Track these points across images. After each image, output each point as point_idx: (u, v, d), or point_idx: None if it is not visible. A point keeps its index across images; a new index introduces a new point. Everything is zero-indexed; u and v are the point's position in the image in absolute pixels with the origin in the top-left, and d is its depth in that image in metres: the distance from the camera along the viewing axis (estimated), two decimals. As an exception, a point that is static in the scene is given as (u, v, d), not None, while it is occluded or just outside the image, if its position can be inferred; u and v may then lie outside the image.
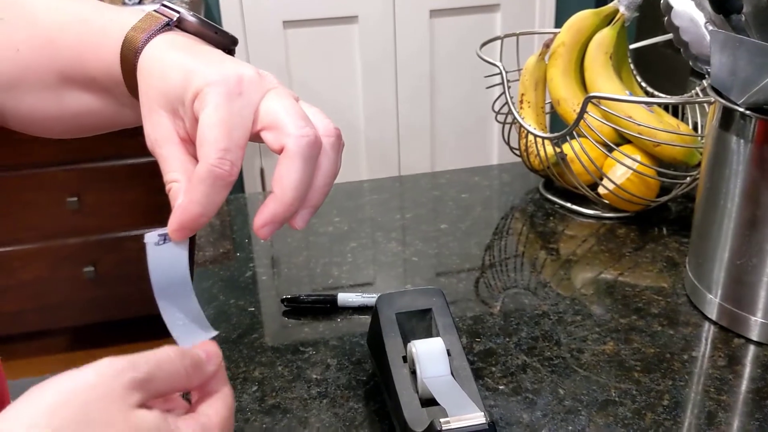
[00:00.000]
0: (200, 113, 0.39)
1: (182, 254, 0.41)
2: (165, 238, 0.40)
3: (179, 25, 0.45)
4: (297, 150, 0.40)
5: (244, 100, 0.40)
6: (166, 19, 0.45)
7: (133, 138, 1.81)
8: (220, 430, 0.37)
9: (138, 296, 1.98)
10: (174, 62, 0.42)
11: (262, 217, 0.40)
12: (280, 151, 0.40)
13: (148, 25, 0.45)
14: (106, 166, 1.81)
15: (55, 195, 1.81)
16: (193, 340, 0.42)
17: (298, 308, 0.68)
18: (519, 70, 0.93)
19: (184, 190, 0.40)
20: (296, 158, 0.40)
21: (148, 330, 2.11)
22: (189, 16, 0.45)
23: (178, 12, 0.45)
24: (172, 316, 0.42)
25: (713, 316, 0.64)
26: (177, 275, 0.41)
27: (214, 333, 0.43)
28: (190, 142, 0.42)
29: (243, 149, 0.40)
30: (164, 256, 0.41)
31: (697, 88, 0.88)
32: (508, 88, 0.85)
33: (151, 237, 0.40)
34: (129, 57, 0.44)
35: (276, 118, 0.40)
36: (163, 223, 0.41)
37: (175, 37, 0.45)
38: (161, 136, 0.42)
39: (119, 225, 1.88)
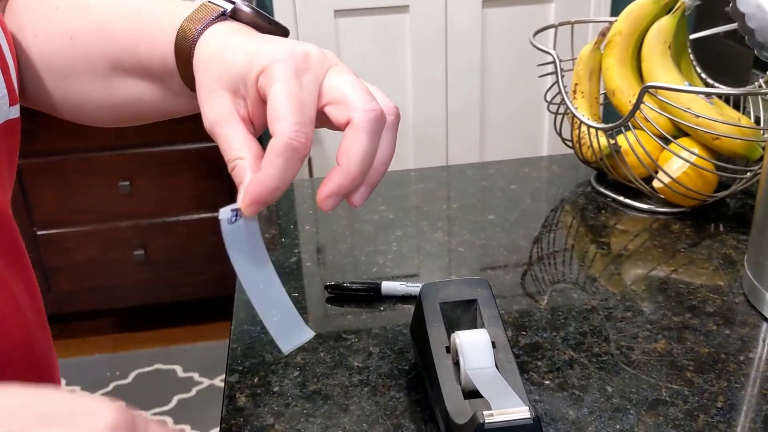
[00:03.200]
0: (269, 89, 0.39)
1: (257, 230, 0.41)
2: (237, 213, 0.40)
3: (234, 15, 0.46)
4: (364, 123, 0.40)
5: (312, 76, 0.41)
6: (222, 9, 0.45)
7: (183, 124, 1.84)
8: None
9: (186, 280, 2.02)
10: (236, 45, 0.43)
11: (327, 188, 0.40)
12: (345, 126, 0.40)
13: (204, 15, 0.45)
14: (158, 151, 1.84)
15: (109, 179, 1.86)
16: (293, 341, 0.42)
17: (341, 295, 0.68)
18: (573, 59, 0.91)
19: (259, 165, 0.39)
20: (363, 131, 0.40)
21: (196, 313, 2.14)
22: (244, 7, 0.46)
23: (233, 2, 0.46)
24: (265, 309, 0.42)
25: (772, 316, 0.62)
26: (256, 253, 0.41)
27: (312, 334, 0.43)
28: (249, 122, 0.42)
29: (314, 123, 0.40)
30: (239, 233, 0.40)
31: (761, 80, 0.85)
32: (562, 77, 0.83)
33: (224, 213, 0.40)
34: (184, 47, 0.45)
35: (342, 92, 0.41)
36: (211, 207, 0.41)
37: (232, 25, 0.45)
38: (222, 116, 0.41)
39: (169, 210, 1.91)
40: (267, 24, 0.46)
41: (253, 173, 0.40)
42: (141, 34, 0.47)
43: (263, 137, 0.38)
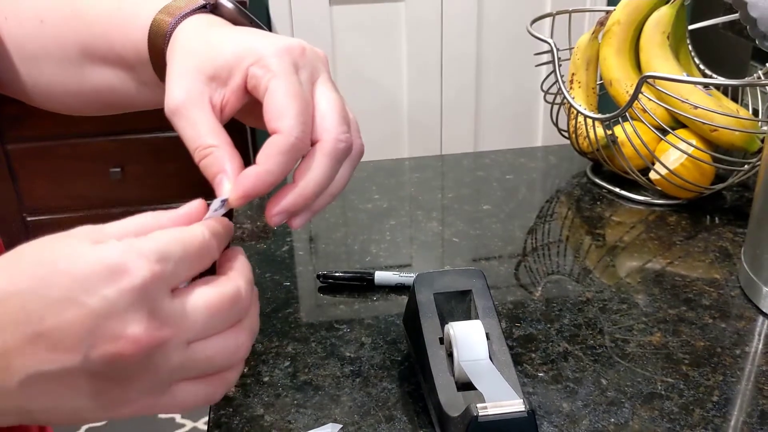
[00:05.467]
0: (268, 82, 0.39)
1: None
2: (223, 204, 0.39)
3: (214, 10, 0.45)
4: (333, 151, 0.39)
5: (307, 73, 0.40)
6: (204, 2, 0.44)
7: (176, 111, 1.82)
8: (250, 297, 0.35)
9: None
10: (223, 34, 0.42)
11: (279, 206, 0.39)
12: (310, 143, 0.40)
13: (185, 5, 0.44)
14: (150, 137, 1.82)
15: (100, 165, 1.84)
16: None
17: (334, 285, 0.67)
18: (570, 48, 0.90)
19: (233, 154, 0.39)
20: (328, 158, 0.39)
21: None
22: (226, 2, 0.45)
23: None
24: None
25: (769, 310, 0.61)
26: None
27: None
28: (219, 110, 0.40)
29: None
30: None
31: (760, 72, 0.84)
32: (559, 66, 0.82)
33: (215, 203, 0.39)
34: (161, 33, 0.43)
35: (321, 110, 0.40)
36: (203, 195, 0.39)
37: (213, 18, 0.44)
38: (192, 98, 0.40)
39: (161, 197, 1.90)
40: (248, 22, 0.45)
41: (232, 164, 0.38)
42: (116, 20, 0.46)
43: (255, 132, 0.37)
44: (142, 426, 1.80)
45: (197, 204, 0.36)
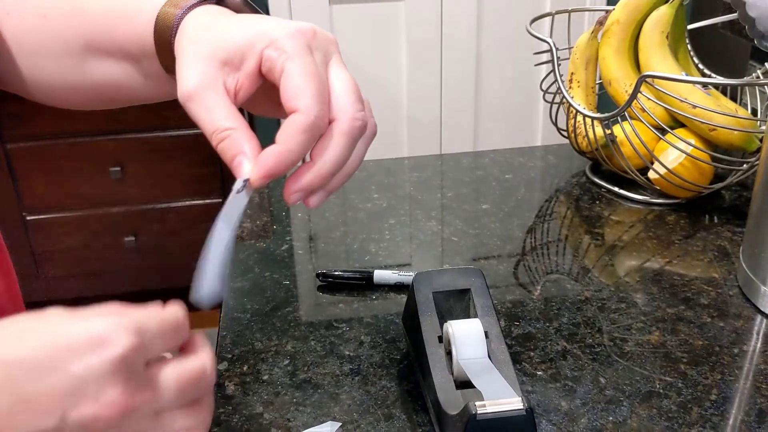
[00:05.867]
0: (284, 63, 0.39)
1: (246, 202, 0.40)
2: (245, 184, 0.39)
3: (221, 2, 0.45)
4: (350, 129, 0.39)
5: (321, 54, 0.41)
6: None
7: (176, 110, 1.82)
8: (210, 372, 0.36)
9: (177, 267, 2.00)
10: (234, 20, 0.42)
11: (297, 184, 0.40)
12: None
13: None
14: (150, 137, 1.82)
15: (100, 164, 1.84)
16: (204, 297, 0.41)
17: (333, 284, 0.67)
18: (570, 48, 0.90)
19: (251, 136, 0.39)
20: (345, 137, 0.39)
21: (186, 300, 2.13)
22: None
23: None
24: (210, 264, 0.42)
25: (767, 309, 0.61)
26: (235, 221, 0.40)
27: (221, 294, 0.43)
28: (233, 95, 0.41)
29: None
30: (239, 203, 0.40)
31: (758, 71, 0.84)
32: (558, 66, 0.82)
33: (238, 183, 0.39)
34: (167, 24, 0.44)
35: (337, 91, 0.40)
36: (203, 194, 0.40)
37: (220, 8, 0.44)
38: (206, 83, 0.40)
39: (160, 196, 1.90)
40: (253, 13, 0.46)
41: (251, 145, 0.39)
42: (119, 13, 0.46)
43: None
44: (141, 425, 1.80)
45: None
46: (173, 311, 0.36)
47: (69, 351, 0.32)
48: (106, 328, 0.33)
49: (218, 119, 0.39)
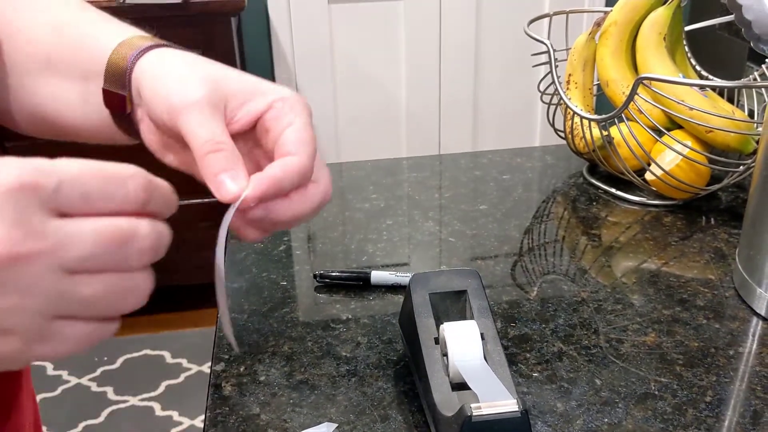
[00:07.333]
0: (295, 119, 0.42)
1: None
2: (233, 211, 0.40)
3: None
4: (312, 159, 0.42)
5: (310, 119, 0.44)
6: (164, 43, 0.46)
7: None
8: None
9: (175, 265, 2.00)
10: (223, 68, 0.44)
11: (254, 191, 0.41)
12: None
13: (154, 41, 0.45)
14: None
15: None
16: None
17: (330, 284, 0.67)
18: (567, 49, 0.90)
19: (239, 159, 0.40)
20: (309, 159, 0.42)
21: (185, 299, 2.13)
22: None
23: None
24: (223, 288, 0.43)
25: (762, 311, 0.61)
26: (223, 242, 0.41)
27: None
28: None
29: None
30: (227, 221, 0.41)
31: (755, 73, 0.84)
32: (556, 67, 0.83)
33: (229, 212, 0.40)
34: (125, 51, 0.44)
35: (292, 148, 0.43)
36: (202, 194, 0.41)
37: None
38: (212, 101, 0.41)
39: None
40: None
41: (241, 164, 0.40)
42: (88, 39, 0.47)
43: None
44: (140, 424, 1.81)
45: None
46: (118, 166, 0.32)
47: None
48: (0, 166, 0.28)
49: (216, 132, 0.40)
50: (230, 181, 0.39)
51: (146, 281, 0.33)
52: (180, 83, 0.42)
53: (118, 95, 0.45)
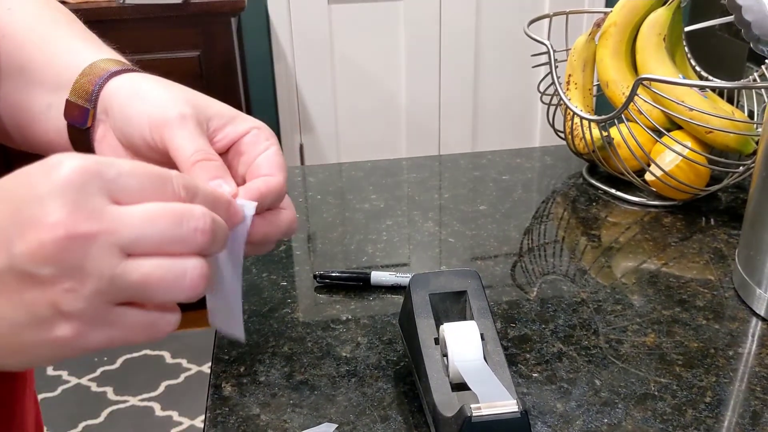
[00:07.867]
0: (272, 146, 0.45)
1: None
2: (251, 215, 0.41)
3: None
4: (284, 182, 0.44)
5: None
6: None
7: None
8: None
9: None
10: (200, 94, 0.45)
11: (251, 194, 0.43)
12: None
13: (123, 65, 0.46)
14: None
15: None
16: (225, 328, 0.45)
17: (330, 285, 0.67)
18: (567, 50, 0.90)
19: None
20: (282, 180, 0.44)
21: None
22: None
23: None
24: (219, 293, 0.44)
25: (762, 312, 0.61)
26: (241, 249, 0.42)
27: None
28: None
29: None
30: (246, 228, 0.42)
31: (755, 74, 0.84)
32: (555, 68, 0.83)
33: (251, 209, 0.41)
34: (97, 70, 0.45)
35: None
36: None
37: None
38: (198, 119, 0.43)
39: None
40: None
41: (231, 178, 0.41)
42: (62, 53, 0.48)
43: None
44: (140, 424, 1.81)
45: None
46: (167, 170, 0.34)
47: (18, 179, 0.30)
48: (61, 157, 0.31)
49: (204, 145, 0.42)
50: (225, 185, 0.40)
51: (197, 268, 0.33)
52: (163, 101, 0.43)
53: (82, 108, 0.46)
